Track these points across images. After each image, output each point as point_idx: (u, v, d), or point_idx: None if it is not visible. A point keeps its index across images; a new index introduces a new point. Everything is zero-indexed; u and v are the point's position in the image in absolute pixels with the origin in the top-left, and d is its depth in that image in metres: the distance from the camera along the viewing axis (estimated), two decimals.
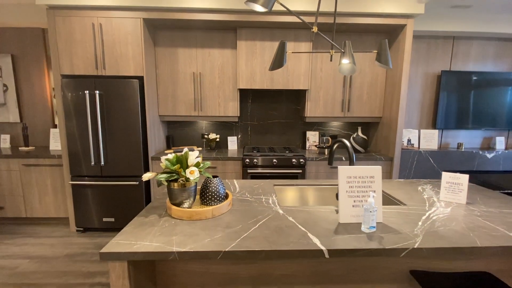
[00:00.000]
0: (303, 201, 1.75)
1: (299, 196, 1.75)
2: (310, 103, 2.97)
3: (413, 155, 3.21)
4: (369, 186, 1.16)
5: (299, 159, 2.72)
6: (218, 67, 2.87)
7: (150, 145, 2.71)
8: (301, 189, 1.74)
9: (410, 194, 1.55)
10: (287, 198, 1.74)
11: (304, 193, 1.75)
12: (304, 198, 1.75)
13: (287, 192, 1.74)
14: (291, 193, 1.74)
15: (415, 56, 3.27)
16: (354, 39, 2.88)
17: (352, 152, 1.43)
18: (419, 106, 3.37)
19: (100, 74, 2.55)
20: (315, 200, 1.75)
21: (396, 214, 1.25)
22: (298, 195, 1.75)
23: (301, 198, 1.75)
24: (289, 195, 1.75)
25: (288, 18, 2.55)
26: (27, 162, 2.76)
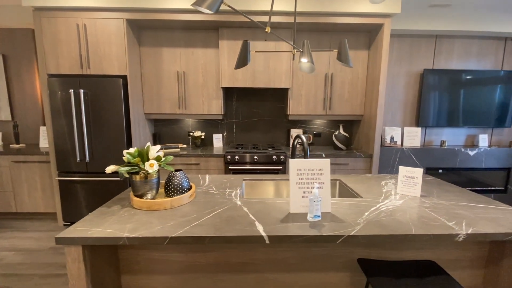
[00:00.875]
0: (269, 195, 1.82)
1: (267, 190, 1.81)
2: (293, 101, 3.03)
3: (395, 153, 3.26)
4: (318, 178, 1.22)
5: (279, 156, 2.78)
6: (201, 66, 2.94)
7: (135, 142, 2.78)
8: (270, 183, 1.81)
9: (371, 187, 1.61)
10: (255, 192, 1.81)
11: (273, 187, 1.81)
12: (271, 192, 1.81)
13: (256, 186, 1.81)
14: (260, 187, 1.81)
15: (398, 55, 3.32)
16: (335, 38, 2.93)
17: (306, 147, 1.49)
18: (402, 104, 3.42)
19: (85, 73, 2.63)
20: (281, 193, 1.82)
21: (348, 205, 1.31)
22: (267, 189, 1.81)
23: (267, 192, 1.81)
24: (258, 189, 1.81)
25: (272, 18, 2.60)
26: (17, 159, 2.85)
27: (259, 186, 1.81)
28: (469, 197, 1.45)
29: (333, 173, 2.87)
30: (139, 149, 1.28)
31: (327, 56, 2.95)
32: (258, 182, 1.80)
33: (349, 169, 2.89)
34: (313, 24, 2.70)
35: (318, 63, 2.97)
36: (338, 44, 2.90)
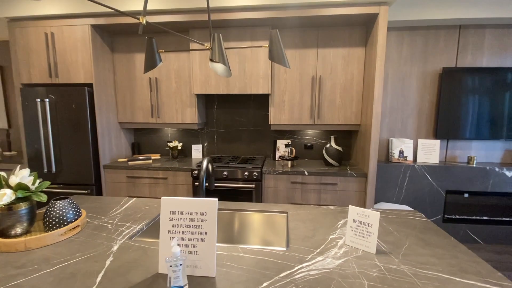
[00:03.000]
0: None
1: None
2: (274, 109, 2.64)
3: (404, 171, 2.67)
4: (199, 226, 0.86)
5: (252, 172, 2.41)
6: (174, 72, 2.72)
7: (103, 153, 2.65)
8: None
9: (316, 230, 1.18)
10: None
11: None
12: None
13: None
14: None
15: (409, 51, 2.73)
16: (324, 34, 2.49)
17: (210, 171, 1.12)
18: (415, 111, 2.80)
19: (53, 82, 2.57)
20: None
21: (253, 263, 0.92)
22: None
23: None
24: None
25: (243, 14, 2.28)
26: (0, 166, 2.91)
27: None
28: (458, 260, 0.95)
29: (317, 194, 2.41)
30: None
31: (314, 55, 2.52)
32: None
33: (338, 190, 2.39)
34: (294, 18, 2.31)
35: (303, 64, 2.54)
36: (331, 40, 2.45)
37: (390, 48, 2.75)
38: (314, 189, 2.42)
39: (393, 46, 2.75)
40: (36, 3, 2.42)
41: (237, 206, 1.48)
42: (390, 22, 2.57)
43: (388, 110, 2.84)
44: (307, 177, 2.41)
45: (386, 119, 2.86)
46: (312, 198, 2.43)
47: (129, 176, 2.63)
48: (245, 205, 1.49)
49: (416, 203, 2.71)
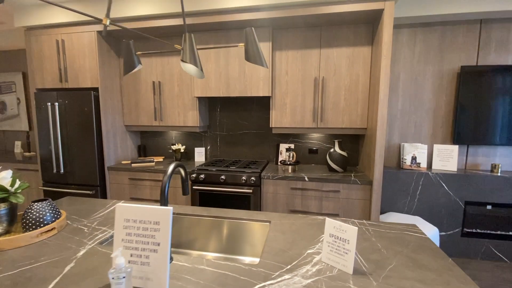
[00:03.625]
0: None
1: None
2: (275, 111, 2.56)
3: (417, 178, 2.46)
4: (152, 236, 0.81)
5: (250, 177, 2.34)
6: (176, 75, 2.74)
7: (108, 155, 2.72)
8: (180, 219, 1.42)
9: (294, 243, 1.09)
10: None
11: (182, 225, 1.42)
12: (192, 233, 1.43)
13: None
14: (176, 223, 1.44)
15: (423, 49, 2.53)
16: (326, 34, 2.37)
17: (185, 178, 1.07)
18: (430, 113, 2.58)
19: (63, 87, 2.70)
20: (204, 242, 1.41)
21: (212, 278, 0.85)
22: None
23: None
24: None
25: (243, 16, 2.24)
26: (17, 166, 3.10)
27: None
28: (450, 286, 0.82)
29: (319, 202, 2.28)
30: None
31: (317, 56, 2.41)
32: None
33: (341, 198, 2.25)
34: (295, 18, 2.22)
35: (305, 65, 2.44)
36: (335, 40, 2.34)
37: (402, 47, 2.57)
38: (315, 196, 2.30)
39: (405, 44, 2.56)
40: (49, 12, 2.56)
41: (220, 212, 1.42)
42: (401, 18, 2.40)
43: (399, 112, 2.65)
44: (308, 183, 2.29)
45: (397, 122, 2.66)
46: (313, 206, 2.31)
47: (131, 178, 2.67)
48: (229, 212, 1.42)
49: (430, 214, 2.48)
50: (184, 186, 1.14)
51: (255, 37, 1.06)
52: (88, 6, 2.47)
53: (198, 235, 1.40)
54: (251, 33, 1.06)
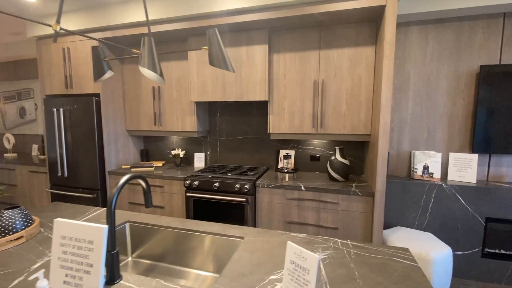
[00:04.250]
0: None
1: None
2: (273, 116, 2.45)
3: (429, 190, 2.23)
4: (85, 256, 0.75)
5: (243, 185, 2.25)
6: (175, 80, 2.72)
7: (109, 159, 2.76)
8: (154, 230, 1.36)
9: (261, 265, 0.97)
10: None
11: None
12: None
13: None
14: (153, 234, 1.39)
15: (435, 48, 2.30)
16: (326, 34, 2.23)
17: (147, 191, 1.00)
18: (445, 118, 2.34)
19: (68, 93, 2.79)
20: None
21: None
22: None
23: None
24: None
25: (239, 18, 2.17)
26: (30, 169, 3.25)
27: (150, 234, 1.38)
28: None
29: (316, 213, 2.13)
30: None
31: (316, 58, 2.27)
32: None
33: (340, 210, 2.08)
34: (292, 18, 2.12)
35: (304, 68, 2.31)
36: (334, 40, 2.21)
37: (412, 45, 2.36)
38: (313, 207, 2.15)
39: (415, 43, 2.35)
40: (65, 22, 2.66)
41: (194, 225, 1.34)
42: (409, 15, 2.20)
43: (409, 117, 2.42)
44: (305, 193, 2.15)
45: (407, 127, 2.44)
46: (310, 217, 2.16)
47: (129, 183, 2.69)
48: (203, 225, 1.34)
49: (444, 231, 2.22)
50: (146, 198, 1.07)
51: (218, 39, 0.97)
52: (92, 15, 2.54)
53: (171, 248, 1.33)
54: (213, 34, 0.97)
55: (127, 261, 1.40)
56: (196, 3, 2.21)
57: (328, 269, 0.95)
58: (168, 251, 1.34)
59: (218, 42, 0.98)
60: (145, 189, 1.06)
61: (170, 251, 1.33)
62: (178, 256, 1.32)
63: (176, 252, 1.32)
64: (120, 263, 1.36)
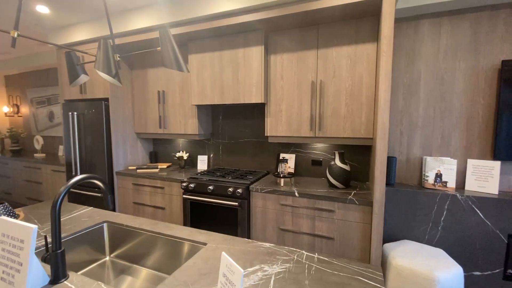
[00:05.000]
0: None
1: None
2: (270, 119, 2.39)
3: (441, 201, 1.99)
4: (17, 254, 0.76)
5: (236, 188, 2.20)
6: (178, 84, 2.79)
7: (117, 160, 2.89)
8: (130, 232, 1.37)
9: (210, 274, 0.92)
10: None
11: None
12: None
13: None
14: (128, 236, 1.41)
15: (450, 43, 2.07)
16: (324, 31, 2.12)
17: (105, 190, 1.00)
18: (462, 120, 2.08)
19: (82, 98, 2.99)
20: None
21: None
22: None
23: None
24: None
25: (235, 19, 2.15)
26: (53, 168, 3.54)
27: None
28: None
29: (311, 221, 2.01)
30: None
31: (314, 57, 2.17)
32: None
33: (336, 219, 1.94)
34: (289, 17, 2.05)
35: (301, 68, 2.22)
36: (333, 38, 2.09)
37: (423, 41, 2.15)
38: (307, 215, 2.03)
39: (425, 38, 2.13)
40: (77, 32, 2.88)
41: (163, 229, 1.32)
42: (419, 7, 2.01)
43: (421, 120, 2.20)
44: (298, 200, 2.05)
45: (418, 131, 2.22)
46: (304, 225, 2.05)
47: (134, 184, 2.79)
48: (173, 229, 1.32)
49: (458, 247, 1.96)
50: (106, 199, 1.08)
51: (170, 38, 0.96)
52: (100, 25, 2.70)
53: (142, 249, 1.33)
54: (165, 33, 0.96)
55: (105, 261, 1.43)
56: (194, 7, 2.23)
57: (278, 284, 0.87)
58: (140, 253, 1.34)
59: (170, 41, 0.96)
60: (103, 189, 1.07)
61: (142, 252, 1.33)
62: (148, 257, 1.32)
63: (146, 254, 1.31)
64: (97, 262, 1.40)
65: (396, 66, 2.24)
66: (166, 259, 1.26)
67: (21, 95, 4.78)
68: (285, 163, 2.26)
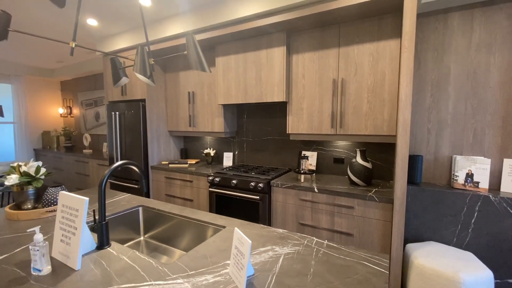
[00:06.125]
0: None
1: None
2: (292, 117, 2.46)
3: (471, 202, 1.90)
4: (73, 221, 0.95)
5: (258, 183, 2.31)
6: (207, 85, 2.98)
7: (151, 155, 3.18)
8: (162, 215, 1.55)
9: (227, 250, 1.04)
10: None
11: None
12: None
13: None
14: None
15: (484, 36, 1.97)
16: (347, 30, 2.14)
17: (140, 174, 1.17)
18: (498, 118, 1.96)
19: (123, 99, 3.33)
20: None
21: (121, 268, 0.92)
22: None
23: None
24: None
25: (256, 23, 2.27)
26: (99, 162, 3.98)
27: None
28: None
29: (330, 217, 2.05)
30: (13, 166, 1.49)
31: (335, 56, 2.20)
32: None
33: (355, 215, 1.96)
34: (310, 17, 2.12)
35: (322, 67, 2.26)
36: (355, 36, 2.12)
37: (453, 34, 2.06)
38: (326, 210, 2.07)
39: (456, 30, 2.04)
40: (120, 40, 3.23)
41: (189, 213, 1.48)
42: (447, 0, 1.94)
43: (450, 117, 2.11)
44: (318, 195, 2.09)
45: (447, 129, 2.12)
46: (324, 221, 2.08)
47: (166, 177, 3.04)
48: (198, 213, 1.47)
49: (491, 252, 1.85)
50: (141, 183, 1.26)
51: (195, 43, 1.10)
52: (139, 33, 3.00)
53: (169, 231, 1.50)
54: (190, 39, 1.10)
55: (140, 240, 1.63)
56: (220, 14, 2.40)
57: (286, 262, 0.95)
58: (170, 234, 1.51)
59: (195, 46, 1.11)
60: (139, 174, 1.25)
61: (171, 234, 1.50)
62: (176, 238, 1.48)
63: (175, 235, 1.48)
64: (133, 241, 1.60)
65: (423, 62, 2.17)
66: (191, 240, 1.41)
67: (73, 98, 5.42)
68: (306, 160, 2.31)
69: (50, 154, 4.92)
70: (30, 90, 5.17)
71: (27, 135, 5.10)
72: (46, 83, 5.44)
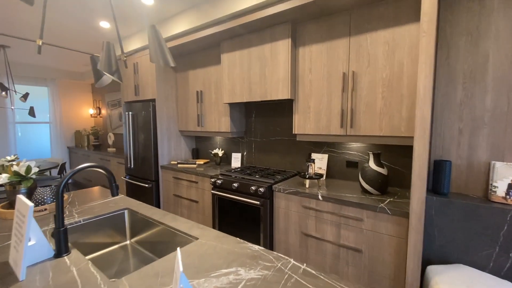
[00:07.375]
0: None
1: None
2: (298, 116, 2.26)
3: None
4: (21, 227, 0.89)
5: (259, 187, 2.15)
6: (213, 84, 2.89)
7: (161, 155, 3.19)
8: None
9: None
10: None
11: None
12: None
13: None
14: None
15: None
16: (358, 16, 1.88)
17: (110, 177, 1.09)
18: None
19: (136, 99, 3.39)
20: None
21: (66, 279, 0.84)
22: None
23: None
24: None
25: (260, 13, 2.11)
26: (118, 160, 4.13)
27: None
28: None
29: (336, 229, 1.82)
30: (3, 165, 1.52)
31: (345, 46, 1.95)
32: None
33: (364, 229, 1.70)
34: (313, 4, 1.90)
35: (331, 59, 2.02)
36: (366, 23, 1.88)
37: (491, 17, 1.69)
38: (332, 221, 1.84)
39: (496, 11, 1.67)
40: (130, 42, 3.29)
41: (170, 220, 1.38)
42: None
43: (488, 114, 1.74)
44: (322, 203, 1.87)
45: (484, 129, 1.76)
46: (329, 232, 1.86)
47: (174, 177, 3.02)
48: (178, 220, 1.36)
49: None
50: (111, 187, 1.18)
51: (157, 34, 0.98)
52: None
53: (151, 236, 1.42)
54: (152, 30, 0.99)
55: (126, 244, 1.57)
56: (223, 6, 2.28)
57: None
58: (152, 240, 1.43)
59: (157, 37, 0.99)
60: (108, 177, 1.17)
61: (154, 240, 1.42)
62: (156, 244, 1.39)
63: (156, 242, 1.39)
64: (118, 244, 1.55)
65: (454, 49, 1.82)
66: (164, 249, 1.31)
67: (102, 99, 5.75)
68: (312, 164, 2.09)
69: (81, 152, 5.27)
70: (64, 92, 5.59)
71: (61, 134, 5.52)
72: (78, 86, 5.85)
